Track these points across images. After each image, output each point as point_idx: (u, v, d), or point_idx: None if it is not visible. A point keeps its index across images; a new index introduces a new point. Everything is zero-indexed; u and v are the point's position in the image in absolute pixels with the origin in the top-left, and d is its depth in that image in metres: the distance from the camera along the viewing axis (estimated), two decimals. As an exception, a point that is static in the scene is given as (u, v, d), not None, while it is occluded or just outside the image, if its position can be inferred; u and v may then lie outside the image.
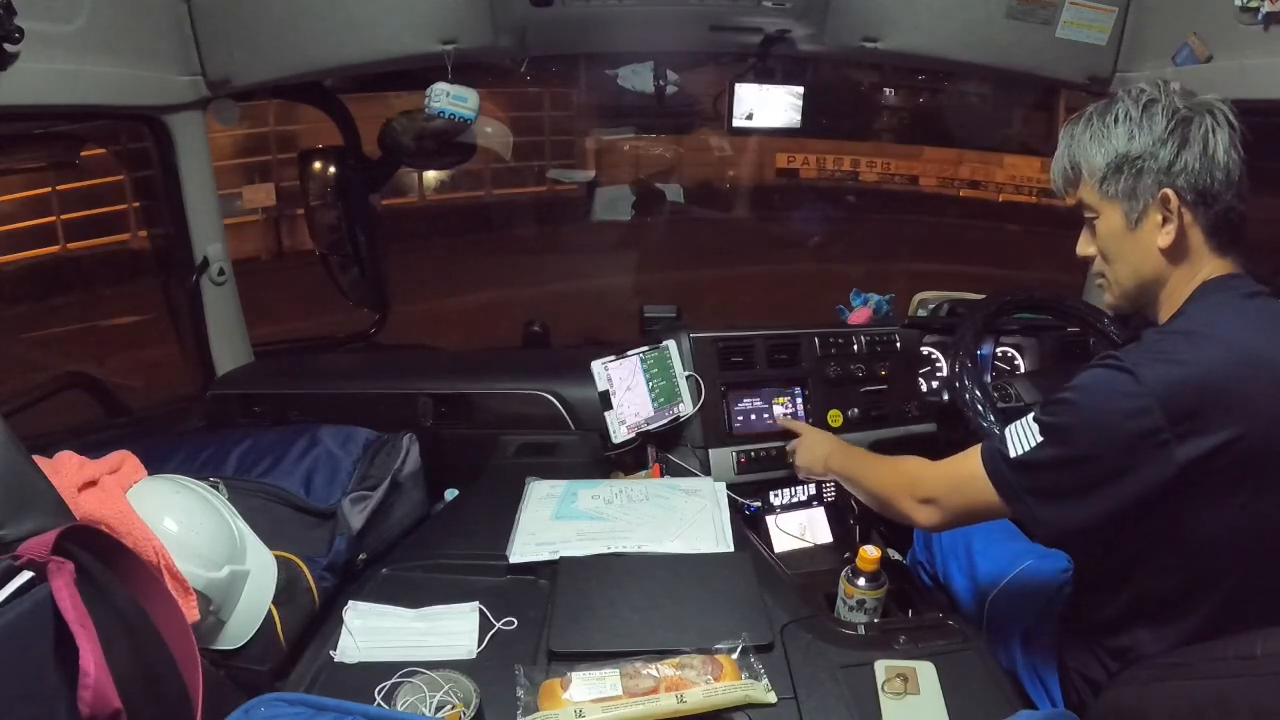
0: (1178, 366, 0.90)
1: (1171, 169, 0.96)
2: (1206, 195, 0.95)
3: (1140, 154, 0.97)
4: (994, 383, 1.62)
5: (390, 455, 1.52)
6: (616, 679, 0.92)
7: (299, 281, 3.16)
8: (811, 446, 1.46)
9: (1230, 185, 0.95)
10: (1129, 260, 1.02)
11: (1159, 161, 0.96)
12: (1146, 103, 0.98)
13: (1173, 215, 0.96)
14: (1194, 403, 0.88)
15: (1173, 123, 0.96)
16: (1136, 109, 0.98)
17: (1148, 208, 0.98)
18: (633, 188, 4.37)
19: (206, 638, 1.09)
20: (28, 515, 0.75)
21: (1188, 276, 0.99)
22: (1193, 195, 0.96)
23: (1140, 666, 0.98)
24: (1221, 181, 0.95)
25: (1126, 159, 0.98)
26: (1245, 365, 0.89)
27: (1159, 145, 0.96)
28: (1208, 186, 0.95)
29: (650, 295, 2.11)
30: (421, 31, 1.62)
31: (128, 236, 5.35)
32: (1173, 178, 0.96)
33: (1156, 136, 0.96)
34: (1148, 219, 0.99)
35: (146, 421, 1.79)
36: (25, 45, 1.17)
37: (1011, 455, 0.98)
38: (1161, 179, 0.96)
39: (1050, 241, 6.46)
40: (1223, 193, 0.95)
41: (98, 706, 0.67)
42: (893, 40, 1.70)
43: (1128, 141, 0.98)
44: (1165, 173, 0.96)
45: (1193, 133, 0.95)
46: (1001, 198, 8.70)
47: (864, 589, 1.19)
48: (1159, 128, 0.96)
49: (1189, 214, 0.97)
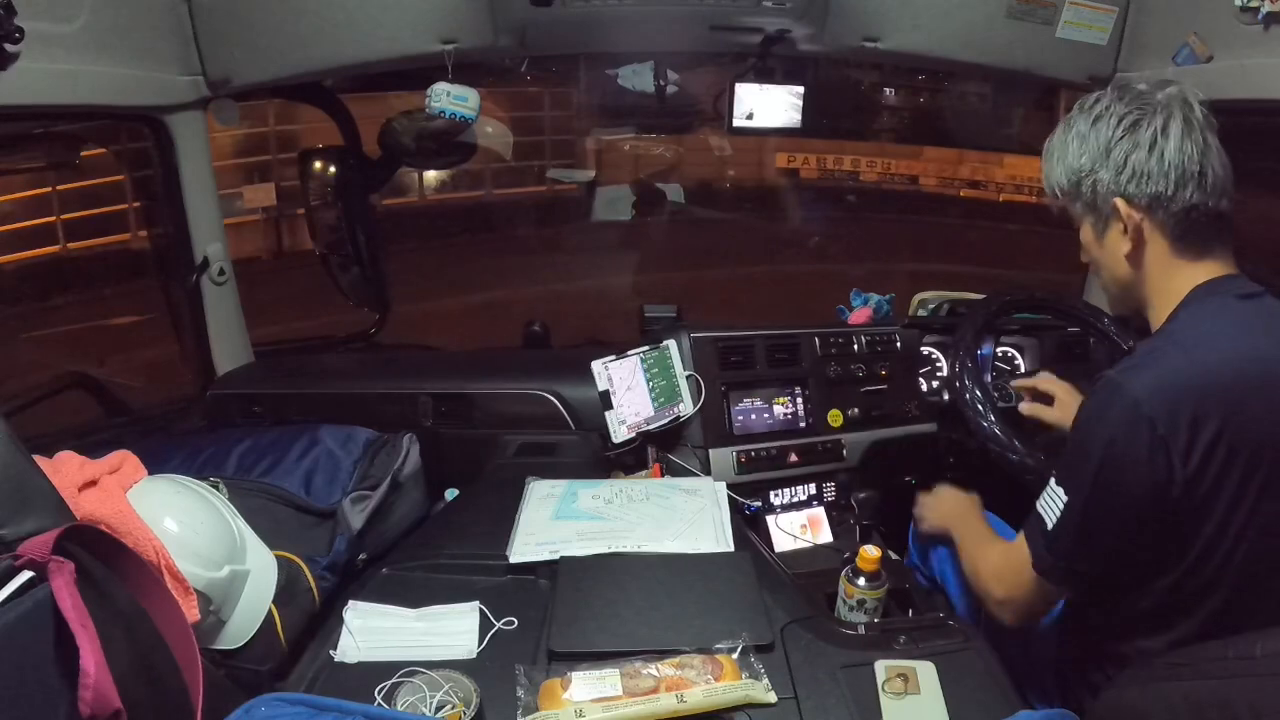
0: (1164, 372, 0.90)
1: (1120, 176, 0.96)
2: (1161, 198, 0.95)
3: (1091, 167, 0.98)
4: (994, 383, 1.62)
5: (390, 455, 1.52)
6: (617, 679, 0.92)
7: (298, 282, 3.17)
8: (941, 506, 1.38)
9: (1186, 182, 0.93)
10: (1107, 268, 1.04)
11: (1108, 170, 0.96)
12: (1096, 116, 0.98)
13: (1128, 223, 0.97)
14: (1184, 406, 0.88)
15: (1119, 130, 0.95)
16: (1086, 122, 0.99)
17: (1109, 218, 0.99)
18: (633, 188, 4.37)
19: (207, 638, 1.09)
20: (28, 515, 0.75)
21: (1166, 280, 0.99)
22: (1146, 200, 0.95)
23: (1140, 666, 0.98)
24: (1176, 180, 0.93)
25: (1081, 174, 0.99)
26: (1237, 367, 0.89)
27: (1105, 156, 0.96)
28: (1161, 190, 0.94)
29: (650, 295, 2.11)
30: (421, 31, 1.62)
31: (128, 236, 5.36)
32: (1122, 186, 0.96)
33: (1102, 147, 0.96)
34: (1111, 229, 1.00)
35: (146, 421, 1.79)
36: (25, 45, 1.17)
37: (1049, 526, 0.97)
38: (1113, 188, 0.97)
39: (1050, 241, 6.45)
40: (1179, 192, 0.94)
41: (98, 706, 0.67)
42: (893, 40, 1.70)
43: (1079, 157, 0.99)
44: (1115, 181, 0.96)
45: (1140, 136, 0.94)
46: (1002, 197, 8.71)
47: (864, 589, 1.19)
48: (1103, 138, 0.96)
49: (1146, 219, 0.96)
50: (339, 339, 2.29)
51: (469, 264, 6.68)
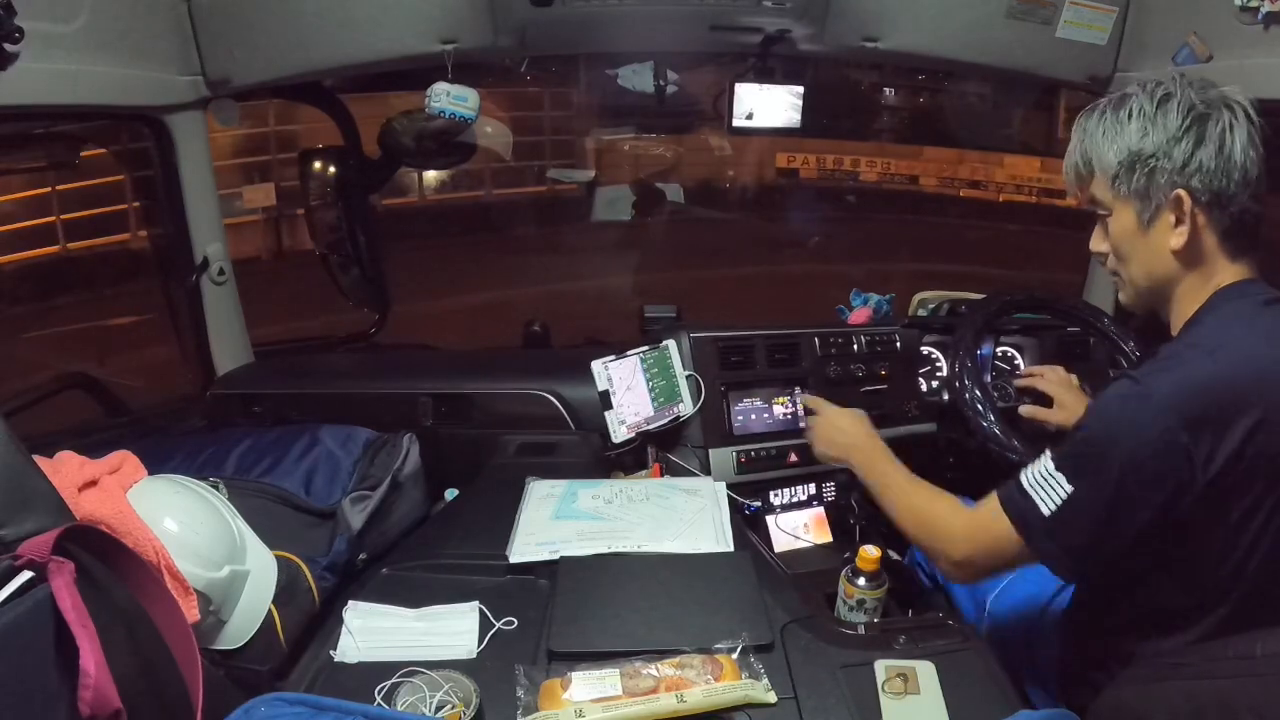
0: (1190, 375, 0.88)
1: (1185, 168, 0.92)
2: (1222, 196, 0.92)
3: (1154, 152, 0.93)
4: (994, 383, 1.62)
5: (390, 455, 1.52)
6: (616, 679, 0.92)
7: (298, 282, 3.17)
8: (833, 431, 1.35)
9: (1247, 185, 0.92)
10: (1141, 261, 0.99)
11: (1173, 160, 0.92)
12: (1162, 98, 0.93)
13: (1186, 216, 0.93)
14: (1209, 410, 0.86)
15: (1188, 119, 0.92)
16: (1151, 104, 0.94)
17: (1160, 208, 0.95)
18: (633, 188, 4.36)
19: (206, 638, 1.09)
20: (28, 515, 0.74)
21: (1201, 280, 0.96)
22: (1208, 196, 0.92)
23: (1140, 666, 0.98)
24: (1238, 182, 0.91)
25: (1139, 157, 0.94)
26: (1262, 374, 0.88)
27: (1173, 143, 0.92)
28: (1223, 187, 0.91)
29: (650, 295, 2.11)
30: (421, 31, 1.62)
31: (128, 236, 5.36)
32: (1186, 177, 0.92)
33: (1171, 134, 0.92)
34: (1160, 219, 0.95)
35: (146, 421, 1.79)
36: (25, 45, 1.17)
37: (1046, 513, 0.94)
38: (1175, 179, 0.92)
39: (1050, 241, 6.47)
40: (1239, 194, 0.92)
41: (98, 706, 0.67)
42: (893, 40, 1.70)
43: (1140, 139, 0.94)
44: (1179, 172, 0.92)
45: (1209, 130, 0.91)
46: (1002, 197, 8.71)
47: (864, 589, 1.19)
48: (1173, 125, 0.92)
49: (1203, 215, 0.93)
50: (339, 339, 2.29)
51: (469, 264, 6.67)
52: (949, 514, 1.11)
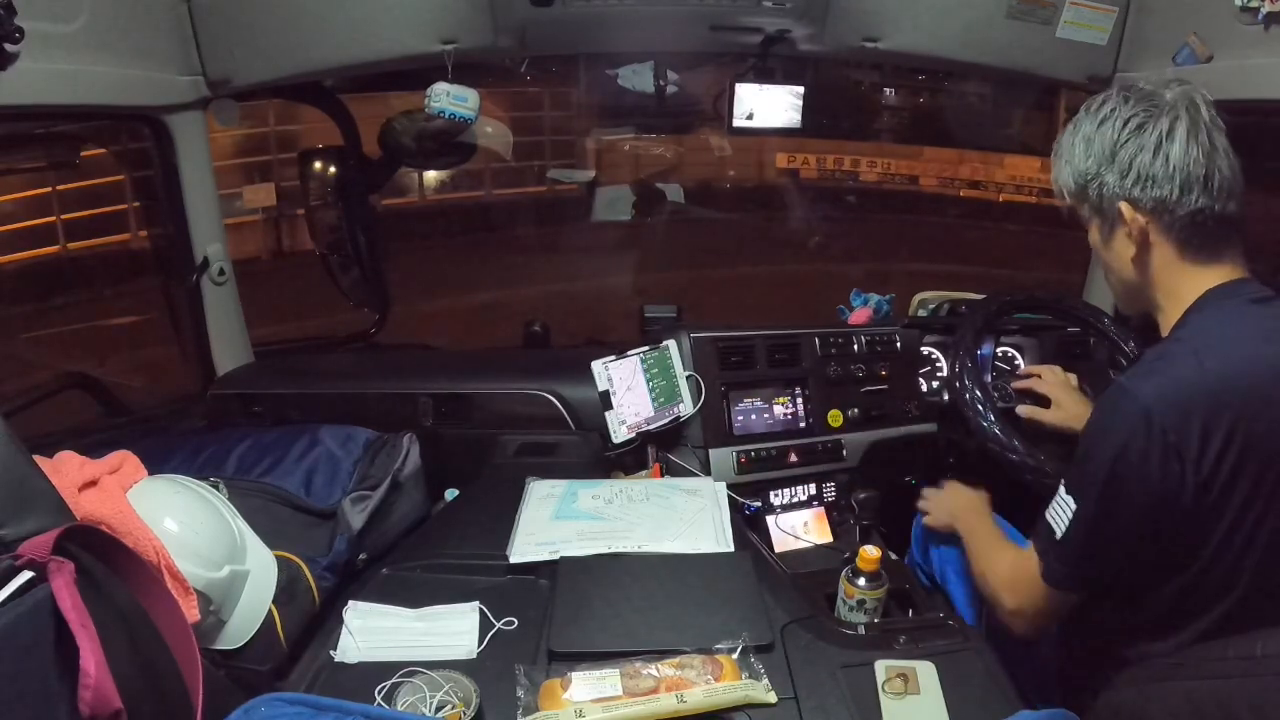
0: (1175, 378, 0.89)
1: (1125, 179, 0.95)
2: (1165, 202, 0.94)
3: (1097, 170, 0.97)
4: (994, 383, 1.62)
5: (390, 455, 1.52)
6: (617, 679, 0.92)
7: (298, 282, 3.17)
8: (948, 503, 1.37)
9: (1191, 186, 0.92)
10: (1114, 271, 1.04)
11: (1114, 174, 0.95)
12: (1102, 118, 0.97)
13: (1133, 226, 0.96)
14: (1195, 408, 0.87)
15: (1124, 132, 0.94)
16: (1092, 123, 0.98)
17: (1115, 221, 0.98)
18: (633, 188, 4.36)
19: (207, 638, 1.09)
20: (28, 515, 0.75)
21: (1175, 284, 0.97)
22: (1151, 203, 0.94)
23: (1140, 666, 0.98)
24: (1180, 184, 0.92)
25: (1087, 177, 0.98)
26: (1250, 373, 0.88)
27: (1110, 158, 0.95)
28: (1165, 194, 0.93)
29: (650, 295, 2.11)
30: (421, 31, 1.62)
31: (128, 236, 5.36)
32: (1127, 189, 0.95)
33: (1108, 150, 0.96)
34: (1117, 232, 0.99)
35: (146, 421, 1.79)
36: (25, 45, 1.17)
37: (1059, 536, 0.97)
38: (1118, 191, 0.96)
39: (1050, 241, 6.47)
40: (1184, 196, 0.93)
41: (98, 706, 0.67)
42: (893, 40, 1.70)
43: (1085, 159, 0.98)
44: (1120, 185, 0.95)
45: (1145, 139, 0.93)
46: (1001, 198, 8.71)
47: (864, 589, 1.18)
48: (1109, 140, 0.95)
49: (1151, 223, 0.95)
50: (339, 339, 2.29)
51: (469, 264, 6.68)
52: (1000, 565, 1.12)
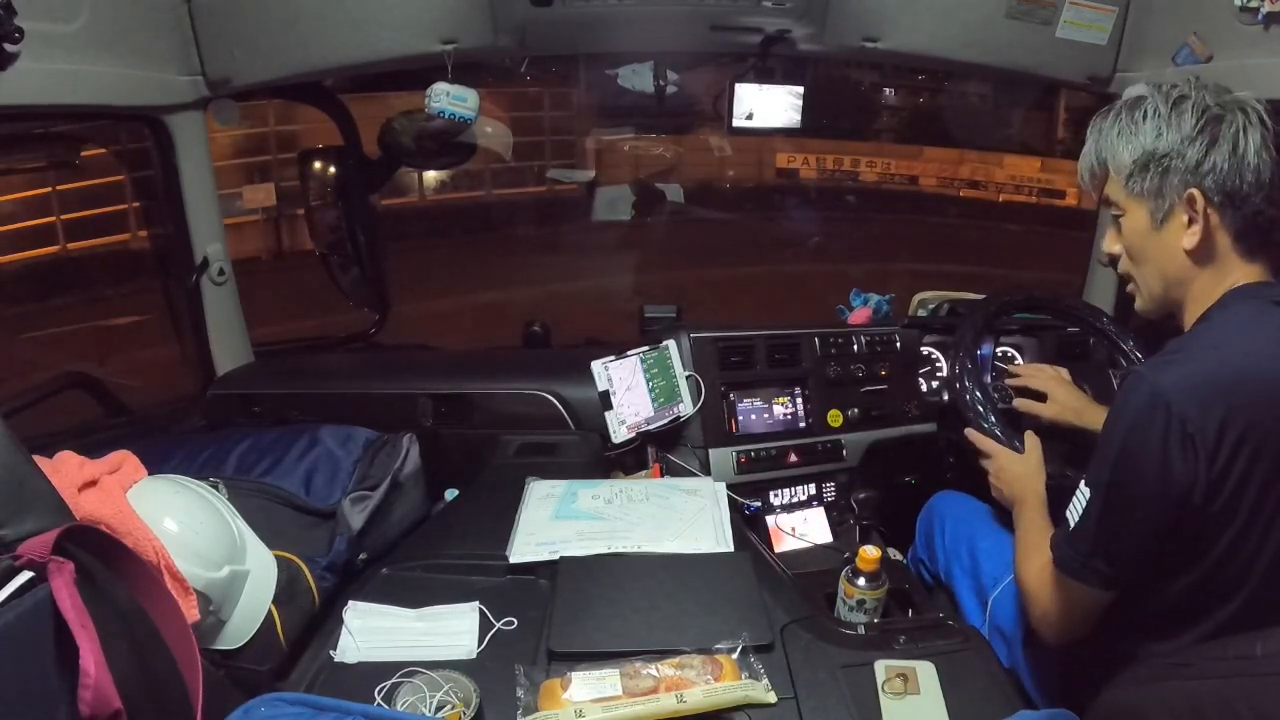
0: (1195, 370, 0.89)
1: (1199, 168, 0.93)
2: (1235, 197, 0.93)
3: (1167, 152, 0.95)
4: (994, 383, 1.62)
5: (390, 455, 1.52)
6: (616, 679, 0.92)
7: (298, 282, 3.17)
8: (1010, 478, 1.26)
9: (1260, 187, 0.93)
10: (1154, 261, 1.01)
11: (1186, 160, 0.94)
12: (1176, 99, 0.95)
13: (1198, 216, 0.94)
14: (1213, 402, 0.86)
15: (1202, 121, 0.93)
16: (1166, 106, 0.96)
17: (1174, 207, 0.96)
18: (633, 188, 4.37)
19: (206, 638, 1.09)
20: (28, 515, 0.74)
21: (1214, 281, 0.97)
22: (1220, 196, 0.93)
23: (1140, 666, 0.98)
24: (1251, 183, 0.92)
25: (1153, 156, 0.96)
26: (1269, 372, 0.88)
27: (1187, 144, 0.94)
28: (1236, 188, 0.93)
29: (650, 295, 2.11)
30: (421, 31, 1.62)
31: (128, 236, 5.37)
32: (1200, 177, 0.94)
33: (1185, 134, 0.94)
34: (1173, 219, 0.97)
35: (146, 421, 1.79)
36: (25, 45, 1.17)
37: (1072, 526, 0.96)
38: (1188, 178, 0.94)
39: (1050, 241, 6.48)
40: (1252, 195, 0.93)
41: (98, 706, 0.67)
42: (893, 40, 1.70)
43: (1155, 139, 0.96)
44: (1192, 172, 0.94)
45: (1223, 131, 0.93)
46: (1001, 197, 8.72)
47: (864, 589, 1.19)
48: (1187, 125, 0.94)
49: (1216, 215, 0.94)
50: (339, 339, 2.29)
51: (469, 264, 6.68)
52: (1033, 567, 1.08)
